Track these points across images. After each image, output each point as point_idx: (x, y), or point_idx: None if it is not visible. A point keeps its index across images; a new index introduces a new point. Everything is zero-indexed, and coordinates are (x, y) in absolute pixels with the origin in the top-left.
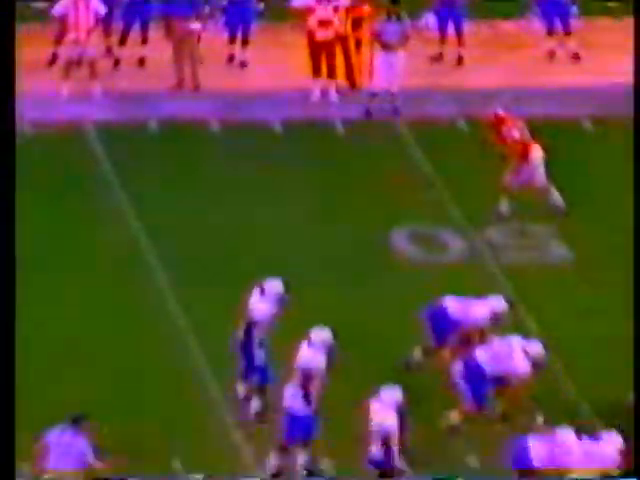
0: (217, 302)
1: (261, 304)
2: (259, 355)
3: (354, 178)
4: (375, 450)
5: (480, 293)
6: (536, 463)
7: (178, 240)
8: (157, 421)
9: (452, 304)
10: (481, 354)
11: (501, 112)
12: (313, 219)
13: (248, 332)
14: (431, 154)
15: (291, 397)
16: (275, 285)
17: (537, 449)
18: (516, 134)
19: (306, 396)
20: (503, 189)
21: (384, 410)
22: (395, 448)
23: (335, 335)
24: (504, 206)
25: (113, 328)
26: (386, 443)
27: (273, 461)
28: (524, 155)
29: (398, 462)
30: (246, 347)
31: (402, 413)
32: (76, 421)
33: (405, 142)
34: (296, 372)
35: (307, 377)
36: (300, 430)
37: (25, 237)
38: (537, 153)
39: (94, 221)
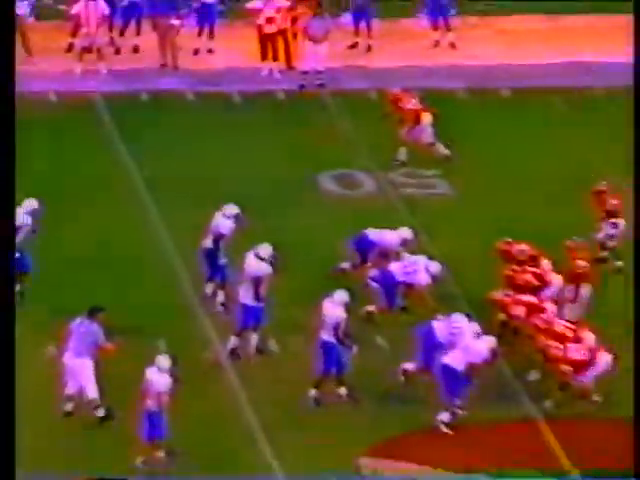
0: (192, 223)
1: (226, 221)
2: (222, 260)
3: (292, 134)
4: (327, 336)
5: (384, 218)
6: (440, 339)
7: (165, 180)
8: (146, 315)
9: (371, 232)
10: (394, 267)
11: (397, 91)
12: (262, 164)
13: (216, 242)
14: (349, 117)
15: (244, 294)
16: (234, 208)
17: (440, 328)
18: (410, 105)
19: (256, 294)
20: (401, 143)
21: (335, 307)
22: (341, 333)
23: (276, 249)
24: (402, 155)
25: (114, 246)
26: (337, 331)
27: (232, 342)
28: (416, 120)
29: (345, 342)
30: (212, 254)
31: (347, 310)
32: (92, 313)
33: (329, 108)
34: (246, 276)
35: (256, 280)
36: (251, 319)
37: (44, 176)
38: (426, 118)
39: (100, 164)
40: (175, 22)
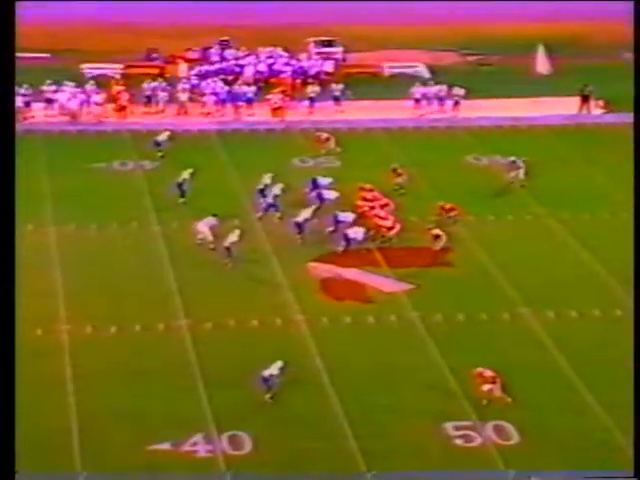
0: (251, 186)
1: (268, 179)
2: (265, 192)
3: (282, 144)
4: (300, 219)
5: (319, 174)
6: (341, 218)
7: (236, 165)
8: (231, 215)
9: (318, 178)
10: (324, 192)
11: (319, 133)
12: (273, 156)
13: (266, 184)
14: (304, 138)
15: (271, 202)
16: (270, 174)
17: (342, 215)
18: (324, 136)
19: (275, 200)
20: (321, 148)
21: (306, 212)
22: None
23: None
24: (322, 152)
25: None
26: (305, 219)
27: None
28: (327, 141)
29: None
30: (262, 192)
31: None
32: (214, 215)
33: (296, 136)
34: (271, 196)
35: (275, 196)
36: (273, 208)
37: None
38: (331, 139)
39: (210, 162)
40: (240, 103)
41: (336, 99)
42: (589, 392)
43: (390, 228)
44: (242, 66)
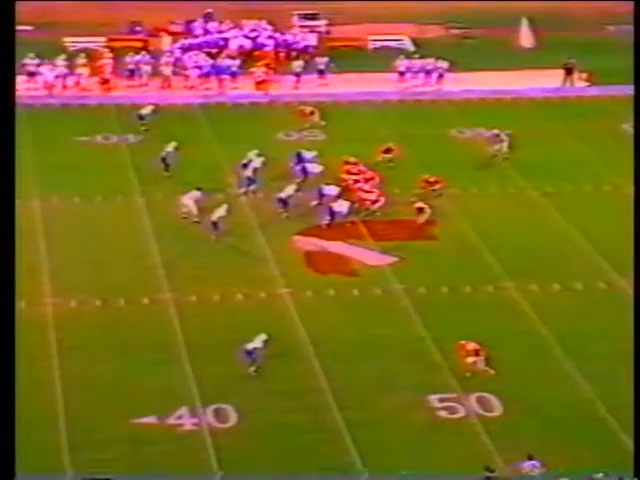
0: (236, 160)
1: (252, 155)
2: (247, 167)
3: (267, 119)
4: (284, 195)
5: (303, 147)
6: (326, 192)
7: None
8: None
9: (303, 151)
10: (308, 166)
11: (302, 106)
12: (257, 129)
13: (250, 160)
14: (287, 111)
15: (251, 176)
16: (255, 150)
17: (327, 188)
18: (308, 110)
19: (253, 175)
20: (305, 122)
21: (290, 188)
22: (287, 196)
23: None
24: (306, 126)
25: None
26: (289, 195)
27: (243, 189)
28: (311, 114)
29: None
30: (245, 165)
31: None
32: (198, 189)
33: (279, 108)
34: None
35: (254, 170)
36: (252, 184)
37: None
38: (315, 114)
39: (193, 133)
40: (224, 77)
41: (320, 72)
42: (572, 364)
43: (374, 201)
44: (226, 39)
